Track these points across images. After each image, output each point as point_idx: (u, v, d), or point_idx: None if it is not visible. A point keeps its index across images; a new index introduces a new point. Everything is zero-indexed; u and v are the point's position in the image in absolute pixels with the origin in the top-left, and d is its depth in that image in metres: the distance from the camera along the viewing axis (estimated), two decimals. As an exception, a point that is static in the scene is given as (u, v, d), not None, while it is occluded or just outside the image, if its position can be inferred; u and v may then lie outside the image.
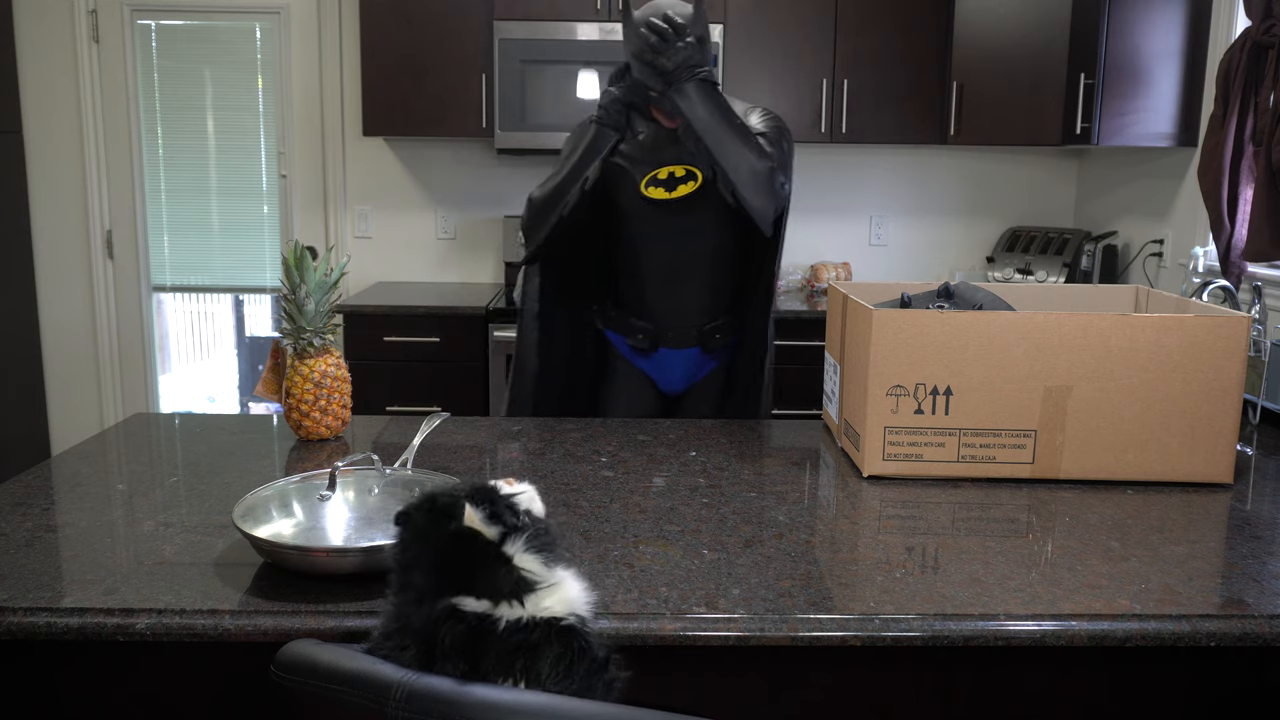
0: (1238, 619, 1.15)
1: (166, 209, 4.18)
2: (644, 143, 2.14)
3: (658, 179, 2.13)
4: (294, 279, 1.76)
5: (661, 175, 2.13)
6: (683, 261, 2.20)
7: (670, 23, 1.97)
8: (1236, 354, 1.58)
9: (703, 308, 2.25)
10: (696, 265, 2.21)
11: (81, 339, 4.23)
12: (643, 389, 2.33)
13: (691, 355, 2.28)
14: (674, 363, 2.29)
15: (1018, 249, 3.97)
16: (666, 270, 2.21)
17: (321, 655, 0.95)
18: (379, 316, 3.58)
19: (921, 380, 1.61)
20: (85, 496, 1.51)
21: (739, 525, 1.42)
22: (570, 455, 1.75)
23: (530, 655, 0.95)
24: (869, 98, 3.76)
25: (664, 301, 2.24)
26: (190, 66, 4.08)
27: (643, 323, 2.26)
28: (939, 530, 1.41)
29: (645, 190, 2.14)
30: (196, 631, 1.12)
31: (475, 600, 0.97)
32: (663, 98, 2.03)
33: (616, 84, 2.11)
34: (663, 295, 2.23)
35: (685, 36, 1.97)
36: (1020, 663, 1.27)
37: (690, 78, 1.98)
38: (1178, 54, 3.24)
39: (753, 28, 3.71)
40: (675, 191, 2.13)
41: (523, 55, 3.59)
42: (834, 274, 4.06)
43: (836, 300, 1.86)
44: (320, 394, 1.79)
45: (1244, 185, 2.74)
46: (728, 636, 1.13)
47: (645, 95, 2.07)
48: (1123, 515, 1.48)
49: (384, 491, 1.40)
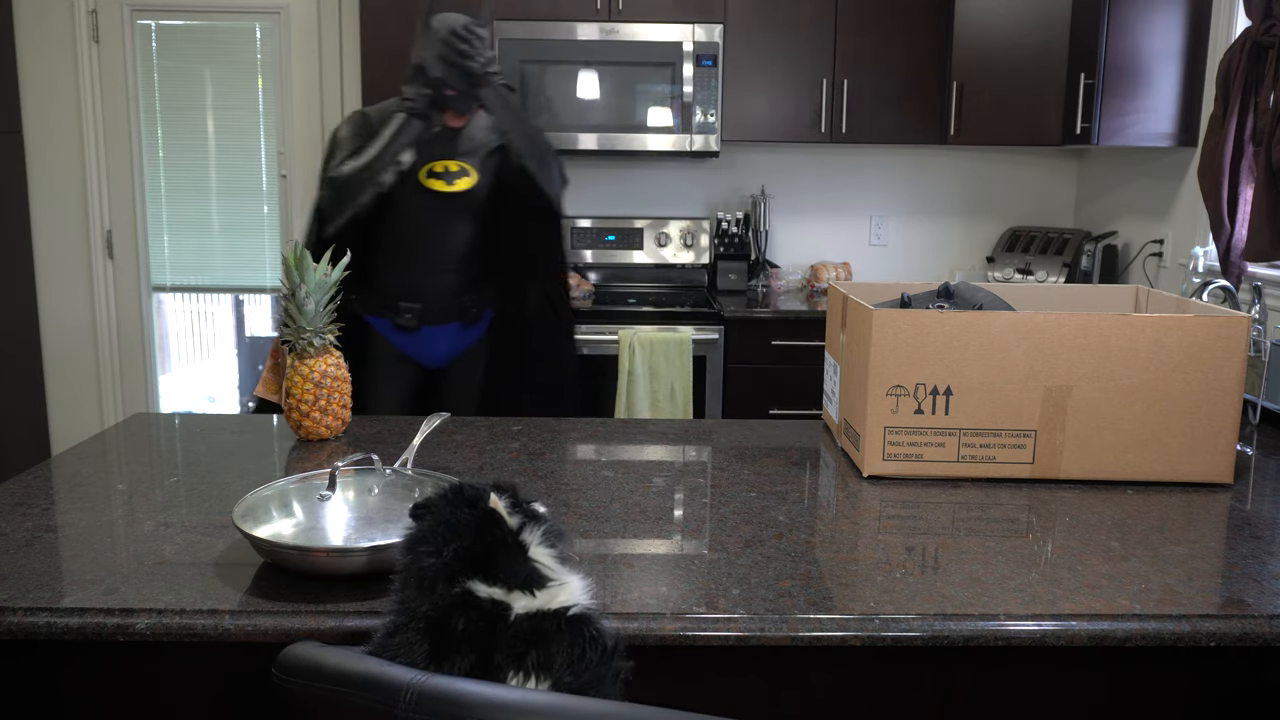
0: (1238, 619, 1.15)
1: (166, 209, 4.18)
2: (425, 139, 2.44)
3: (435, 171, 2.46)
4: (294, 279, 1.76)
5: (438, 169, 2.46)
6: (450, 246, 2.55)
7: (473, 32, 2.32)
8: (1236, 354, 1.58)
9: (463, 286, 2.60)
10: (459, 249, 2.56)
11: (81, 339, 4.23)
12: (405, 367, 2.62)
13: (451, 329, 2.61)
14: (437, 338, 2.61)
15: (1018, 249, 3.97)
16: (434, 255, 2.54)
17: (327, 657, 0.95)
18: (379, 316, 3.58)
19: (921, 380, 1.61)
20: (85, 496, 1.51)
21: (739, 525, 1.42)
22: (570, 455, 1.75)
23: (543, 646, 0.96)
24: (869, 98, 3.76)
25: (430, 283, 2.55)
26: (190, 66, 4.08)
27: (409, 304, 2.55)
28: (939, 530, 1.41)
29: (425, 181, 2.46)
30: (196, 631, 1.12)
31: (488, 586, 0.98)
32: (461, 97, 2.35)
33: (413, 84, 2.37)
34: (429, 278, 2.55)
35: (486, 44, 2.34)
36: (1020, 663, 1.27)
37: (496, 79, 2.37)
38: (1178, 54, 3.24)
39: (752, 28, 3.71)
40: (454, 185, 2.47)
41: (523, 55, 3.59)
42: (834, 274, 4.06)
43: (836, 300, 1.86)
44: (320, 394, 1.79)
45: (1244, 185, 2.74)
46: (728, 636, 1.13)
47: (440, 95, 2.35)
48: (1123, 515, 1.48)
49: (384, 491, 1.40)
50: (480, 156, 2.52)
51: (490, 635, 0.96)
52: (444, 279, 2.57)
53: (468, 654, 0.95)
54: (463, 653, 0.95)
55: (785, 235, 4.24)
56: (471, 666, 0.95)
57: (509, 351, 2.69)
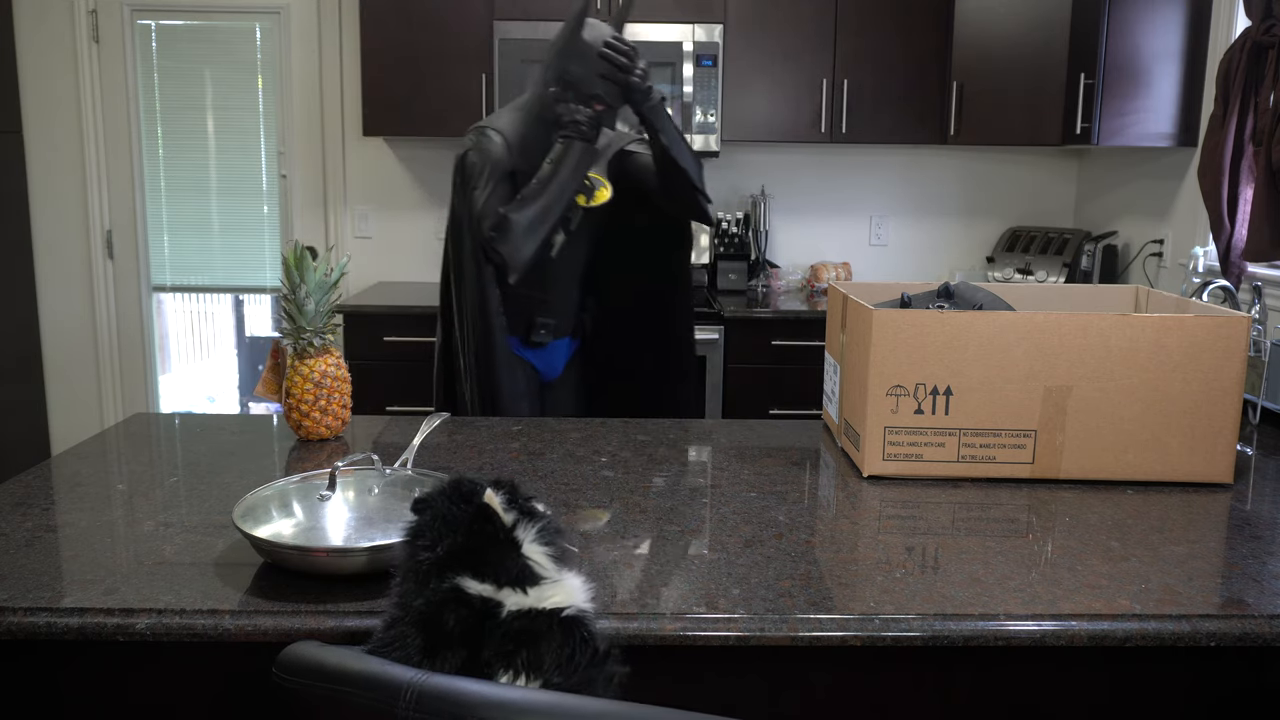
0: (1238, 619, 1.15)
1: (166, 209, 4.18)
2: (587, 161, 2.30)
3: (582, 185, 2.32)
4: (294, 279, 1.76)
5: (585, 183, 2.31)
6: (580, 259, 2.42)
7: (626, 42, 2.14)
8: (1236, 354, 1.58)
9: (583, 297, 2.49)
10: (585, 261, 2.44)
11: (81, 339, 4.23)
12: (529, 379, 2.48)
13: (565, 341, 2.50)
14: (559, 350, 2.50)
15: (1018, 249, 3.97)
16: (570, 269, 2.40)
17: (328, 657, 0.95)
18: (379, 316, 3.58)
19: (921, 380, 1.61)
20: (85, 496, 1.51)
21: (739, 525, 1.42)
22: (570, 455, 1.75)
23: (533, 645, 0.96)
24: (869, 98, 3.76)
25: (562, 297, 2.42)
26: (190, 66, 4.08)
27: (545, 319, 2.42)
28: (939, 530, 1.41)
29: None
30: (196, 631, 1.12)
31: (479, 583, 0.98)
32: (609, 111, 2.18)
33: (562, 102, 2.17)
34: (563, 292, 2.42)
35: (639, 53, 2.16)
36: (1020, 663, 1.27)
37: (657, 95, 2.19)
38: (1178, 54, 3.24)
39: (752, 28, 3.71)
40: (594, 199, 2.32)
41: (523, 55, 3.59)
42: (834, 274, 4.06)
43: (836, 300, 1.86)
44: (320, 394, 1.79)
45: (1244, 185, 2.74)
46: (728, 636, 1.13)
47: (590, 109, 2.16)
48: (1123, 515, 1.48)
49: (384, 491, 1.40)
50: (605, 165, 2.36)
51: (480, 632, 0.96)
52: (573, 293, 2.44)
53: (459, 649, 0.95)
54: (454, 648, 0.95)
55: (785, 235, 4.24)
56: (463, 662, 0.95)
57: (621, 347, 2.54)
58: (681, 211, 2.36)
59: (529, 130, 2.24)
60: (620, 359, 2.56)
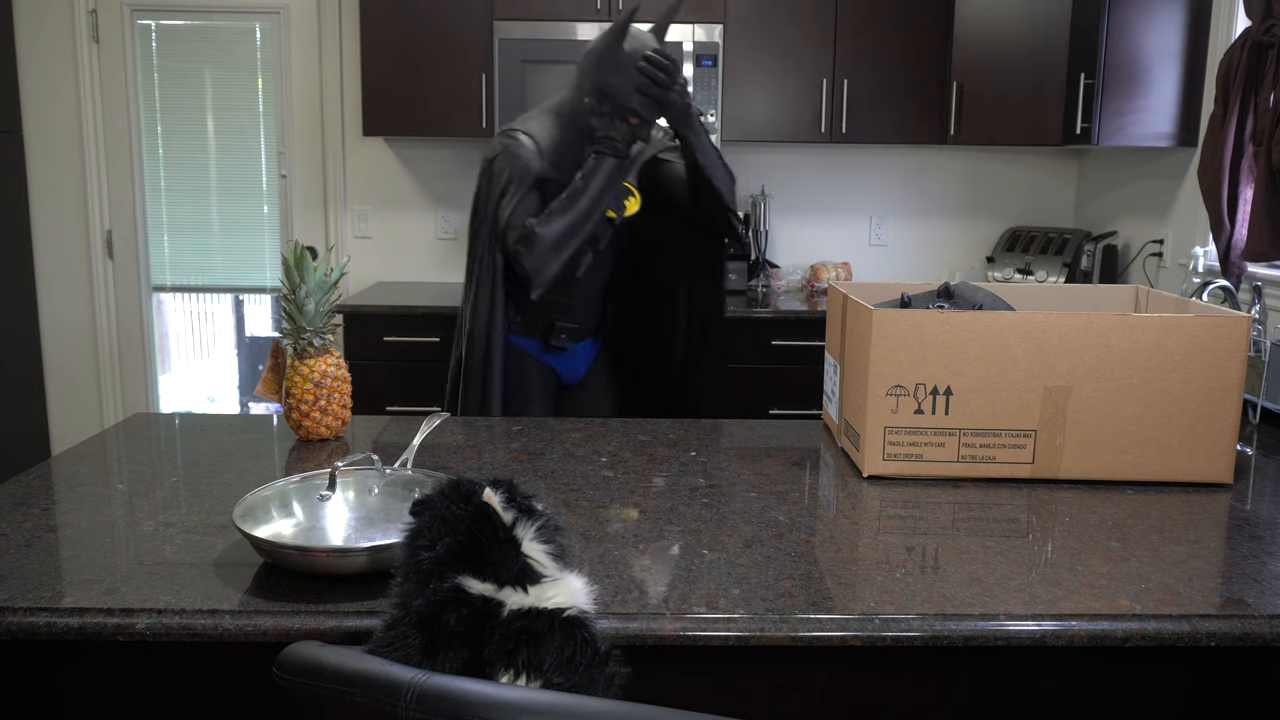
0: (1238, 619, 1.15)
1: (166, 209, 4.18)
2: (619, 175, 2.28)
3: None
4: (294, 279, 1.76)
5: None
6: (605, 268, 2.40)
7: (667, 57, 2.07)
8: (1236, 354, 1.58)
9: (603, 305, 2.47)
10: (608, 270, 2.42)
11: (81, 339, 4.23)
12: (546, 382, 2.45)
13: (587, 344, 2.48)
14: (581, 353, 2.47)
15: (1018, 249, 3.97)
16: (595, 276, 2.38)
17: (328, 657, 0.95)
18: (379, 316, 3.58)
19: (921, 380, 1.61)
20: (85, 496, 1.51)
21: (739, 525, 1.42)
22: (570, 455, 1.75)
23: (533, 645, 0.96)
24: (869, 98, 3.76)
25: (586, 303, 2.40)
26: (190, 66, 4.08)
27: (566, 324, 2.40)
28: (939, 530, 1.41)
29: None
30: (196, 631, 1.12)
31: (480, 582, 0.98)
32: (644, 125, 2.13)
33: (597, 114, 2.14)
34: (588, 298, 2.40)
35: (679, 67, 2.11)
36: (1020, 663, 1.27)
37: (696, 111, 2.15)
38: (1178, 54, 3.24)
39: (752, 27, 3.71)
40: (623, 212, 2.31)
41: (523, 55, 3.59)
42: (834, 274, 4.06)
43: (836, 300, 1.86)
44: (320, 394, 1.79)
45: (1244, 185, 2.74)
46: (728, 636, 1.13)
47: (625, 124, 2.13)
48: (1123, 515, 1.48)
49: (384, 491, 1.40)
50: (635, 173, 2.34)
51: (480, 632, 0.96)
52: (597, 299, 2.43)
53: (460, 649, 0.95)
54: (454, 648, 0.95)
55: (785, 235, 4.24)
56: (464, 662, 0.95)
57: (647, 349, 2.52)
58: (710, 228, 2.36)
59: (562, 137, 2.19)
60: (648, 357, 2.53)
